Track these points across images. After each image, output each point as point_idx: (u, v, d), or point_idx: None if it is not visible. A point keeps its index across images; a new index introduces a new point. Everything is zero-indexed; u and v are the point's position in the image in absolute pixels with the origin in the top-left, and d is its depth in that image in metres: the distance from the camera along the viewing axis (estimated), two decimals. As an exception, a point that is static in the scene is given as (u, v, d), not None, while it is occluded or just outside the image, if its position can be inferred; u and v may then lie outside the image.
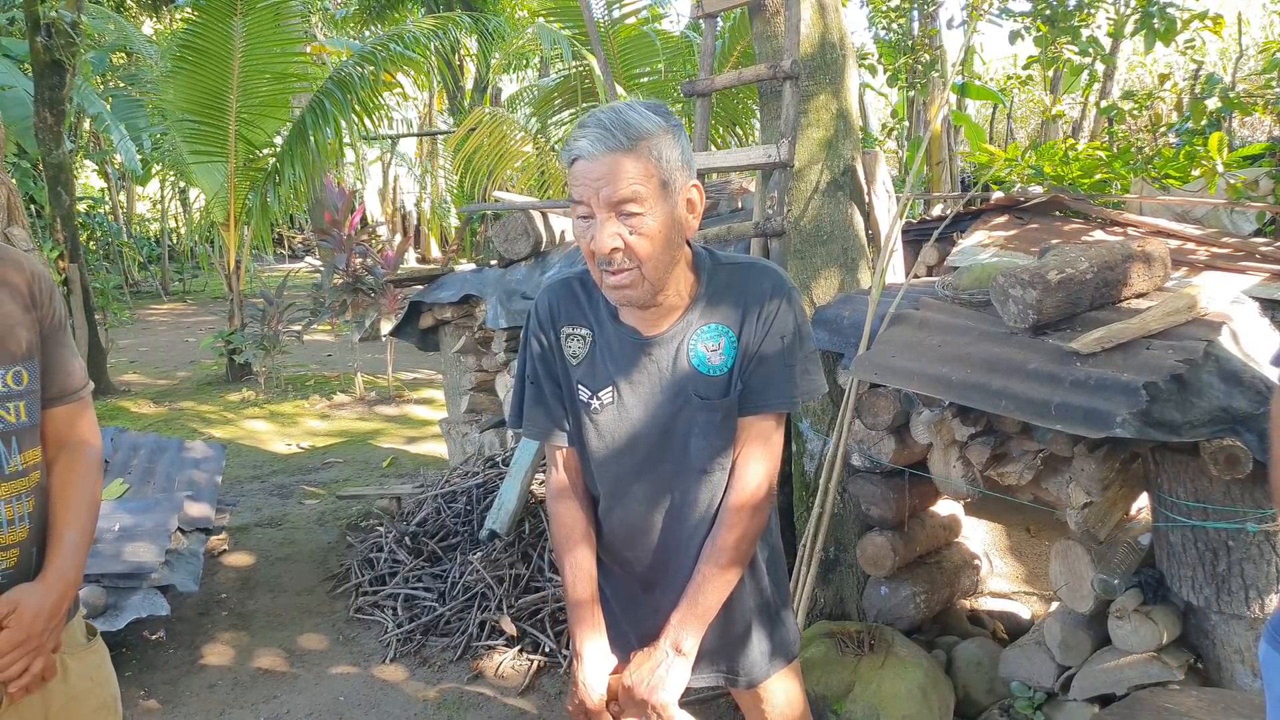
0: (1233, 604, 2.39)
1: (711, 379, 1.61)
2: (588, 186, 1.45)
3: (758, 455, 1.64)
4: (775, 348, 1.60)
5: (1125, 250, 2.63)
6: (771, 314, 1.60)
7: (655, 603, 1.71)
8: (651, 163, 1.46)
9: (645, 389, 1.63)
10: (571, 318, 1.68)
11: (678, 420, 1.62)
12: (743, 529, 1.62)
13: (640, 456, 1.65)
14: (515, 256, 4.59)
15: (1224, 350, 2.30)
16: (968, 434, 2.69)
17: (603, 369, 1.64)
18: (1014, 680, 2.81)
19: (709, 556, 1.62)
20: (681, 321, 1.61)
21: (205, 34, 8.29)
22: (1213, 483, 2.34)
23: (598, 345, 1.65)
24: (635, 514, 1.69)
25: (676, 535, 1.68)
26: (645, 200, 1.45)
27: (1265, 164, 5.26)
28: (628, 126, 1.44)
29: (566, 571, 1.70)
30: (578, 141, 1.46)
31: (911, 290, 2.99)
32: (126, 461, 4.52)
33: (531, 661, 3.49)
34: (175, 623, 3.91)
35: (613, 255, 1.47)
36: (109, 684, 1.71)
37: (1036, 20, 5.18)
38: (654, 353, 1.62)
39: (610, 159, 1.43)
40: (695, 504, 1.66)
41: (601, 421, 1.66)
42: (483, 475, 4.33)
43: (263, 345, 8.68)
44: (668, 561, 1.70)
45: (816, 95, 3.17)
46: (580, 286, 1.69)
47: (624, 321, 1.64)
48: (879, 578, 3.18)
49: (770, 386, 1.61)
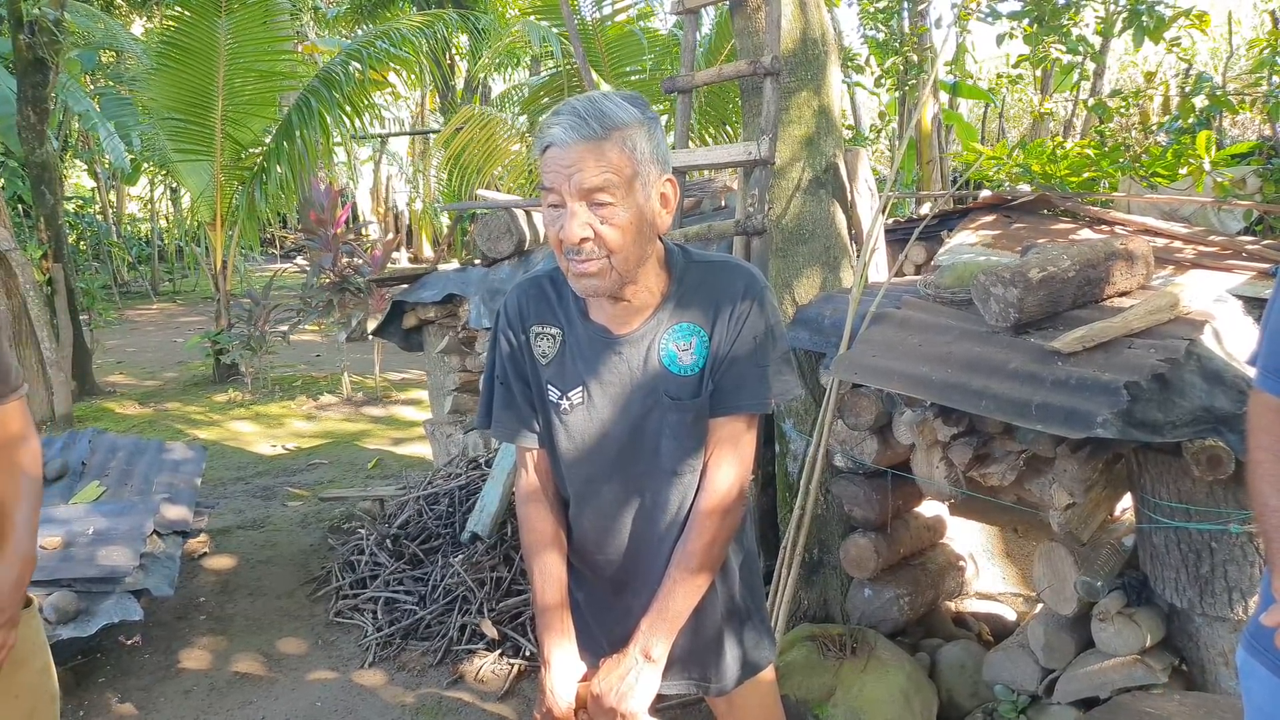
0: (1216, 606, 2.36)
1: (682, 379, 1.57)
2: (559, 174, 1.42)
3: (728, 457, 1.61)
4: (747, 348, 1.57)
5: (1108, 248, 2.59)
6: (744, 314, 1.56)
7: (626, 606, 1.67)
8: (625, 153, 1.43)
9: (615, 389, 1.59)
10: (541, 316, 1.64)
11: (648, 421, 1.59)
12: (713, 533, 1.59)
13: (611, 457, 1.62)
14: (498, 255, 4.55)
15: (1206, 349, 2.27)
16: (950, 434, 2.66)
17: (572, 369, 1.61)
18: (997, 683, 2.78)
19: (678, 561, 1.58)
20: (652, 320, 1.58)
21: (189, 32, 8.23)
22: (1195, 484, 2.31)
23: (567, 344, 1.62)
24: (606, 516, 1.65)
25: (647, 538, 1.65)
26: (617, 190, 1.42)
27: (1253, 162, 5.24)
28: (603, 115, 1.42)
29: (535, 577, 1.66)
30: (551, 129, 1.43)
31: (893, 289, 2.95)
32: (104, 463, 4.47)
33: (512, 665, 3.45)
34: (151, 627, 3.86)
35: (582, 245, 1.43)
36: (46, 648, 1.82)
37: (1023, 20, 5.15)
38: (624, 352, 1.58)
39: (583, 147, 1.41)
40: (666, 506, 1.62)
41: (571, 422, 1.62)
42: (465, 477, 4.29)
43: (249, 346, 8.62)
44: (638, 564, 1.66)
45: (798, 92, 3.13)
46: (550, 285, 1.66)
47: (594, 320, 1.60)
48: (862, 580, 3.15)
49: (742, 388, 1.57)
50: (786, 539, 2.98)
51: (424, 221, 22.10)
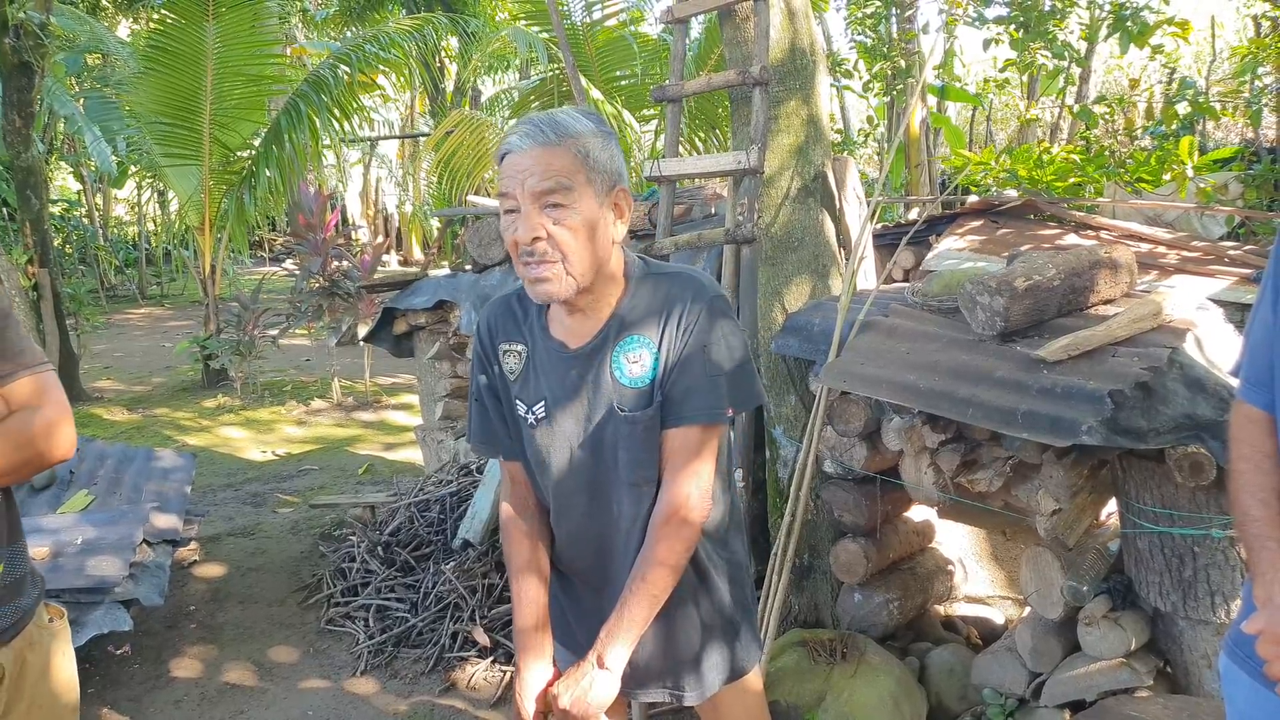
0: (1199, 609, 2.39)
1: (633, 390, 1.60)
2: (514, 178, 1.48)
3: (681, 468, 1.60)
4: (696, 357, 1.57)
5: (1092, 257, 2.62)
6: (691, 323, 1.57)
7: (600, 610, 1.69)
8: (577, 158, 1.49)
9: (572, 402, 1.64)
10: (508, 334, 1.70)
11: (605, 433, 1.62)
12: (668, 543, 1.59)
13: (576, 469, 1.66)
14: (489, 261, 4.56)
15: (1188, 357, 2.30)
16: (938, 441, 2.69)
17: (535, 384, 1.66)
18: (986, 687, 2.81)
19: (635, 571, 1.60)
20: (603, 334, 1.61)
21: (177, 36, 8.21)
22: (1178, 489, 2.34)
23: (532, 361, 1.67)
24: (578, 525, 1.70)
25: (613, 545, 1.69)
26: (570, 193, 1.47)
27: (1235, 168, 5.29)
28: (557, 124, 1.49)
29: (514, 598, 1.72)
30: (508, 138, 1.50)
31: (881, 297, 2.98)
32: (92, 472, 4.46)
33: (504, 673, 3.46)
34: (141, 636, 3.85)
35: (535, 244, 1.47)
36: (72, 660, 1.84)
37: (1009, 26, 5.19)
38: (579, 366, 1.62)
39: (537, 151, 1.47)
40: (631, 515, 1.66)
41: (538, 436, 1.67)
42: (457, 483, 4.30)
43: (238, 351, 8.59)
44: (608, 571, 1.71)
45: (787, 101, 3.16)
46: (517, 302, 1.71)
47: (553, 335, 1.65)
48: (852, 585, 3.17)
49: (690, 398, 1.58)
50: (777, 545, 3.00)
51: (414, 225, 22.09)
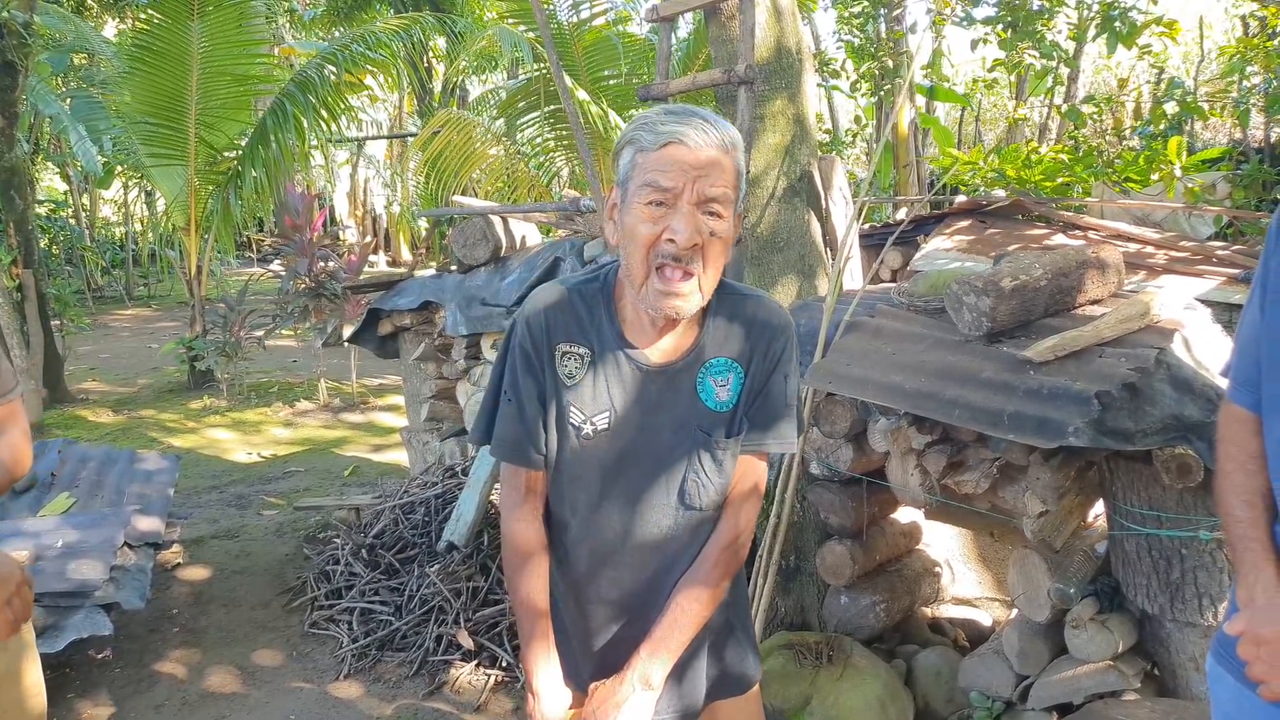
0: (1186, 612, 2.38)
1: (717, 415, 1.54)
2: (685, 173, 1.38)
3: (751, 495, 1.59)
4: (779, 388, 1.56)
5: (1080, 257, 2.61)
6: (778, 351, 1.55)
7: (619, 635, 1.63)
8: (738, 173, 1.43)
9: (647, 418, 1.54)
10: (569, 334, 1.55)
11: (676, 454, 1.55)
12: (726, 567, 1.57)
13: (628, 486, 1.57)
14: (474, 262, 4.53)
15: (1176, 358, 2.29)
16: (924, 442, 2.67)
17: (602, 392, 1.54)
18: (973, 690, 2.79)
19: (690, 593, 1.55)
20: (693, 352, 1.54)
21: (162, 36, 8.14)
22: (1166, 491, 2.33)
23: (598, 366, 1.54)
24: (609, 544, 1.59)
25: (652, 569, 1.60)
26: (727, 207, 1.42)
27: (1223, 168, 5.30)
28: (725, 130, 1.42)
29: (522, 602, 1.60)
30: (675, 126, 1.39)
31: (867, 297, 2.96)
32: (74, 474, 4.41)
33: (489, 676, 3.43)
34: (123, 640, 3.81)
35: (692, 250, 1.39)
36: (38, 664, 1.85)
37: (997, 26, 5.19)
38: (661, 381, 1.53)
39: (713, 153, 1.39)
40: (678, 539, 1.59)
41: (592, 447, 1.55)
42: (441, 485, 4.26)
43: (224, 352, 8.53)
44: (639, 595, 1.62)
45: (773, 101, 3.13)
46: (580, 300, 1.56)
47: (631, 343, 1.54)
48: (839, 587, 3.16)
49: (773, 427, 1.56)
50: (763, 547, 2.98)
51: (402, 225, 22.01)
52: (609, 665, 1.60)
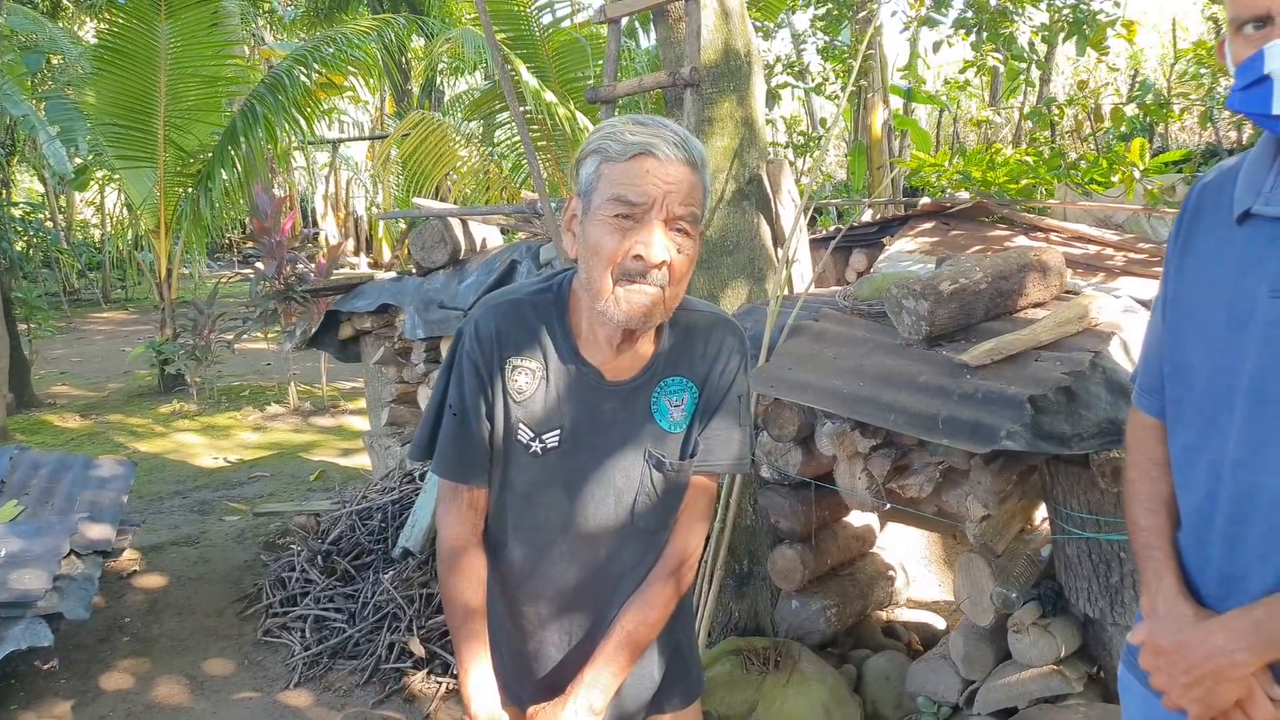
0: (1126, 615, 2.37)
1: (670, 435, 1.51)
2: (657, 186, 1.32)
3: (701, 515, 1.56)
4: (732, 407, 1.53)
5: (1021, 260, 2.60)
6: (732, 372, 1.52)
7: (560, 657, 1.59)
8: (704, 191, 1.39)
9: (599, 437, 1.49)
10: (521, 347, 1.47)
11: (627, 474, 1.51)
12: (675, 588, 1.54)
13: (576, 507, 1.51)
14: (433, 265, 4.49)
15: (1111, 361, 2.27)
16: (869, 446, 2.65)
17: (553, 410, 1.48)
18: (920, 695, 2.78)
19: (636, 615, 1.51)
20: (648, 370, 1.49)
21: (127, 36, 8.07)
22: (1104, 494, 2.31)
23: (550, 382, 1.47)
24: (553, 565, 1.55)
25: (598, 591, 1.56)
26: (694, 225, 1.37)
27: (1186, 169, 5.32)
28: (695, 146, 1.37)
29: (455, 580, 1.52)
30: (645, 137, 1.33)
31: (812, 301, 2.94)
32: (24, 482, 4.33)
33: (439, 684, 3.39)
34: (72, 650, 3.75)
35: (661, 267, 1.34)
36: None
37: (958, 29, 5.19)
38: (616, 400, 1.48)
39: (684, 169, 1.34)
40: (626, 561, 1.55)
41: (540, 467, 1.50)
42: (399, 491, 4.22)
43: (194, 355, 8.46)
44: (582, 616, 1.58)
45: (720, 103, 3.11)
46: (533, 312, 1.48)
47: (587, 360, 1.48)
48: (790, 592, 3.13)
49: (725, 447, 1.53)
50: (708, 553, 2.95)
51: (385, 226, 21.89)
52: (550, 687, 1.56)
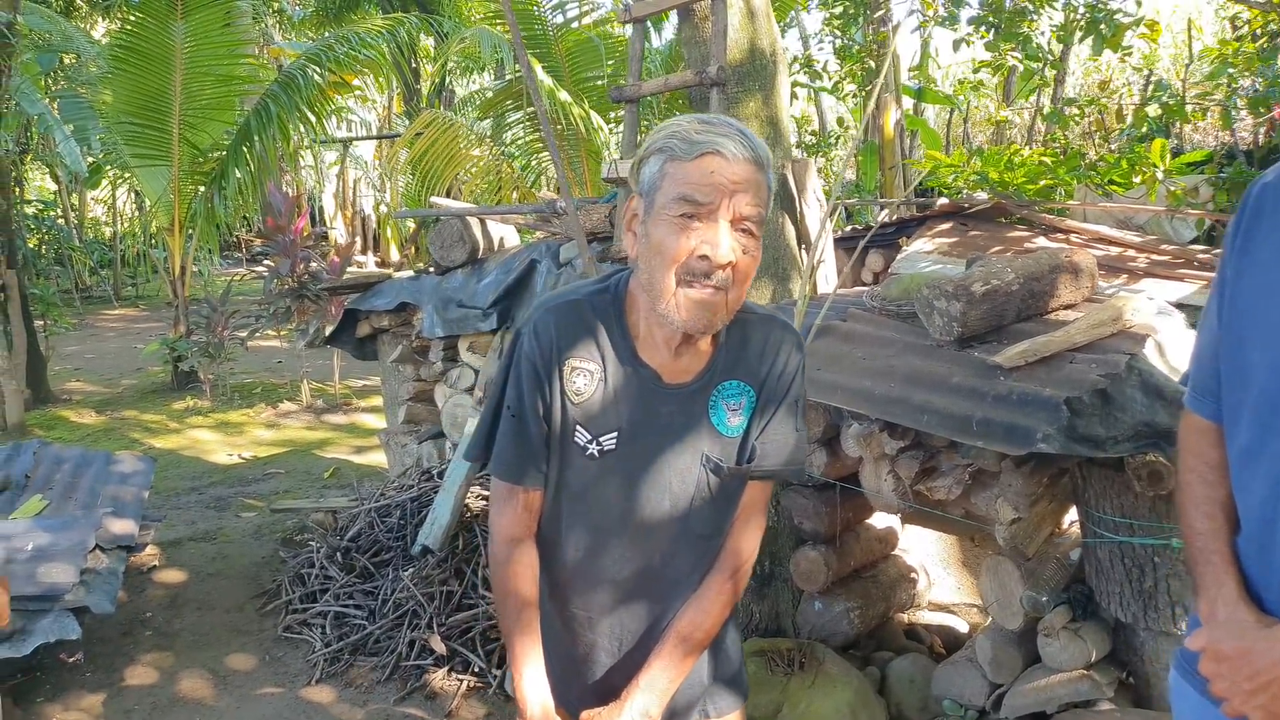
0: (1159, 620, 2.36)
1: (728, 440, 1.49)
2: (723, 187, 1.30)
3: (756, 521, 1.55)
4: (789, 412, 1.51)
5: (1052, 261, 2.59)
6: (790, 376, 1.50)
7: (612, 662, 1.59)
8: (769, 192, 1.37)
9: (656, 440, 1.47)
10: (580, 349, 1.45)
11: (684, 479, 1.49)
12: (731, 592, 1.53)
13: (630, 511, 1.50)
14: (451, 264, 4.49)
15: (1147, 364, 2.26)
16: (896, 448, 2.64)
17: (610, 412, 1.46)
18: (946, 698, 2.77)
19: (694, 619, 1.50)
20: (707, 374, 1.47)
21: (144, 36, 8.09)
22: (1138, 498, 2.30)
23: (607, 384, 1.46)
24: (607, 569, 1.53)
25: (651, 596, 1.55)
26: (759, 226, 1.35)
27: (1208, 171, 5.29)
28: (760, 146, 1.34)
29: (509, 571, 1.50)
30: (712, 136, 1.31)
31: (839, 301, 2.94)
32: (48, 476, 4.36)
33: (461, 681, 3.39)
34: (95, 644, 3.77)
35: (726, 268, 1.32)
36: None
37: (979, 27, 5.17)
38: (673, 403, 1.46)
39: (750, 169, 1.32)
40: (682, 567, 1.54)
41: (595, 469, 1.48)
42: (418, 488, 4.22)
43: (207, 353, 8.47)
44: (635, 622, 1.57)
45: (745, 102, 3.11)
46: (591, 312, 1.46)
47: (645, 362, 1.46)
48: (812, 593, 3.13)
49: (783, 452, 1.51)
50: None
51: (391, 226, 21.93)
52: (600, 692, 1.56)
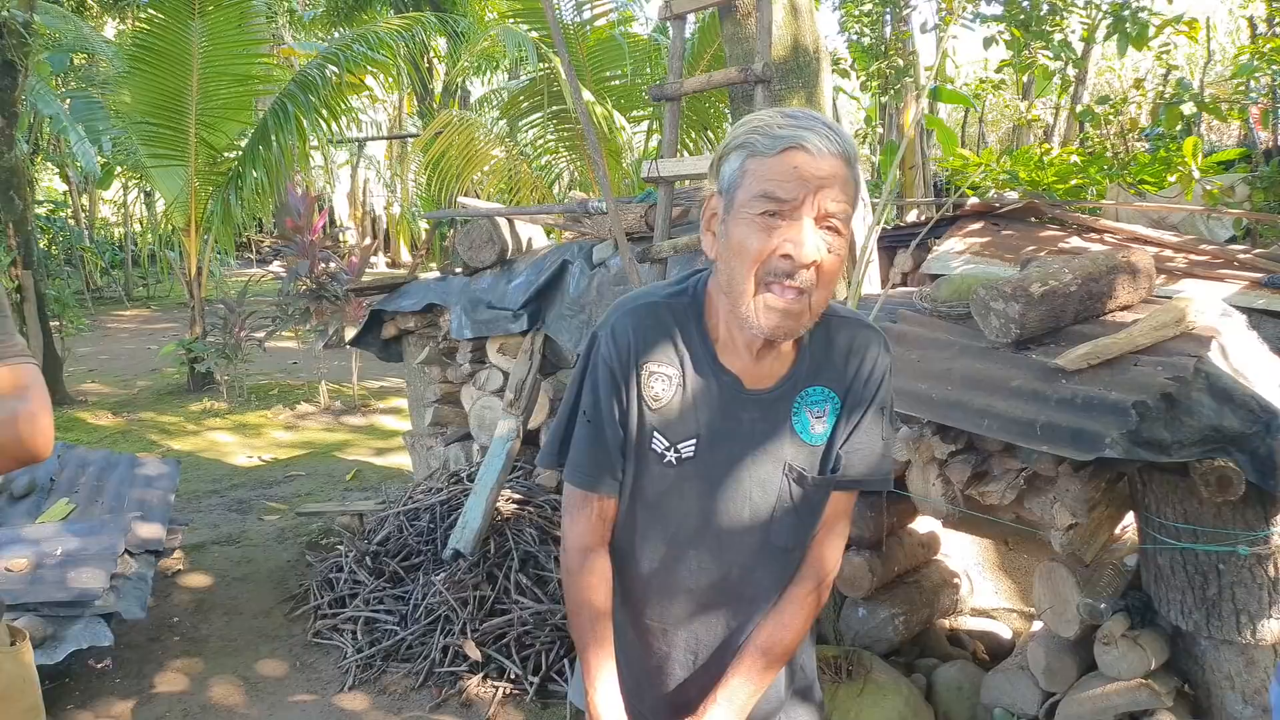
0: (1223, 629, 2.31)
1: (812, 448, 1.43)
2: (807, 182, 1.23)
3: (840, 532, 1.50)
4: (875, 421, 1.44)
5: (1110, 261, 2.54)
6: (877, 381, 1.44)
7: (688, 675, 1.55)
8: (856, 187, 1.29)
9: (737, 448, 1.42)
10: (658, 353, 1.40)
11: (765, 489, 1.44)
12: (813, 605, 1.48)
13: (708, 521, 1.45)
14: (480, 264, 4.45)
15: (1214, 367, 2.21)
16: (947, 452, 2.59)
17: (689, 418, 1.41)
18: (996, 707, 2.72)
19: (775, 633, 1.46)
20: (789, 379, 1.41)
21: (162, 35, 8.07)
22: (1203, 504, 2.25)
23: (686, 389, 1.41)
24: (684, 581, 1.49)
25: (727, 609, 1.51)
26: (846, 223, 1.28)
27: (1240, 169, 5.24)
28: (847, 139, 1.27)
29: (583, 580, 1.47)
30: (795, 130, 1.25)
31: (889, 302, 2.89)
32: (73, 479, 4.32)
33: (496, 689, 3.35)
34: (123, 649, 3.73)
35: (810, 268, 1.26)
36: (36, 685, 1.68)
37: (1010, 25, 5.11)
38: (755, 410, 1.41)
39: (836, 163, 1.25)
40: (761, 579, 1.49)
41: (674, 476, 1.43)
42: (447, 491, 4.18)
43: (224, 354, 8.45)
44: (709, 635, 1.53)
45: (789, 99, 3.06)
46: (670, 315, 1.41)
47: (725, 366, 1.40)
48: (856, 599, 3.08)
49: (868, 463, 1.45)
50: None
51: (402, 226, 21.93)
52: (674, 706, 1.52)
